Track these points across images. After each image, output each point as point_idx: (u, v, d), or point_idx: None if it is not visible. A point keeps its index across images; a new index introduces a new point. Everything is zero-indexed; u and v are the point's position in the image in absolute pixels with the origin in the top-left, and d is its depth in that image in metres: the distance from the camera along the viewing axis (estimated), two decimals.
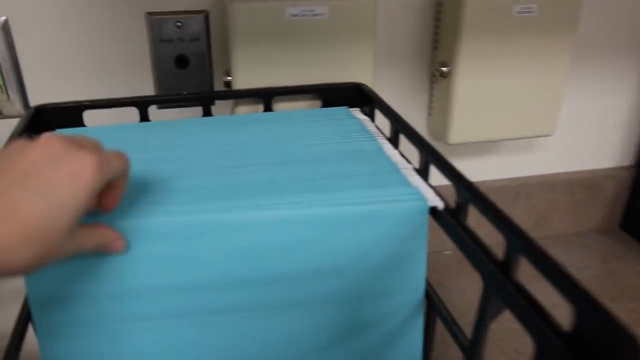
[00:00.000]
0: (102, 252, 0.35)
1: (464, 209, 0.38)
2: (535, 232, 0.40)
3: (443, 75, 0.63)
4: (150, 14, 0.56)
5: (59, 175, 0.29)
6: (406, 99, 0.69)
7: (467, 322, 0.37)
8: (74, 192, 0.29)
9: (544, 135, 0.69)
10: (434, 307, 0.42)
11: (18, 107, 0.59)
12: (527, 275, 0.32)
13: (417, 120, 0.70)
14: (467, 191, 0.37)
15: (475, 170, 0.77)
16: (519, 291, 0.31)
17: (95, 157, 0.30)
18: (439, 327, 0.42)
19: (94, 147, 0.32)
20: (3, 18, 0.55)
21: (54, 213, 0.28)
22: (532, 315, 0.29)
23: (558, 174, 0.81)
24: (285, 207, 0.37)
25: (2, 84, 0.57)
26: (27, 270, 0.28)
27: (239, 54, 0.55)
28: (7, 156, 0.30)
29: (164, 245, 0.36)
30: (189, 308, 0.38)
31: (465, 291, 0.65)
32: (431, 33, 0.65)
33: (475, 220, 0.37)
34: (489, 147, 0.76)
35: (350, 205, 0.38)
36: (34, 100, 0.57)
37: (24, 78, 0.58)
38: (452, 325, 0.38)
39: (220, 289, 0.38)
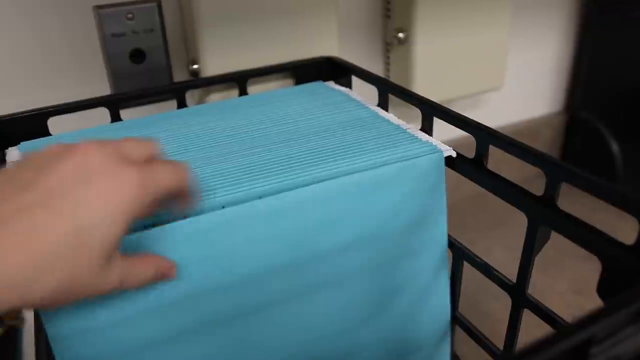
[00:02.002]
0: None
1: (484, 154, 0.39)
2: None
3: (400, 41, 0.64)
4: (98, 7, 0.52)
5: (90, 193, 0.25)
6: None
7: None
8: (106, 214, 0.25)
9: (493, 89, 0.73)
10: (458, 255, 0.43)
11: None
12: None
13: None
14: (487, 135, 0.38)
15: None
16: (569, 219, 0.33)
17: (136, 174, 0.26)
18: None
19: (140, 160, 0.28)
20: None
21: (81, 238, 0.24)
22: (591, 235, 0.31)
23: (501, 127, 0.86)
24: (315, 178, 0.36)
25: None
26: (46, 305, 0.25)
27: (206, 40, 0.52)
28: (34, 165, 0.26)
29: (197, 245, 0.34)
30: (229, 311, 0.36)
31: None
32: (382, 1, 0.66)
33: None
34: None
35: (375, 167, 0.38)
36: None
37: None
38: (491, 271, 0.39)
39: (261, 281, 0.36)
